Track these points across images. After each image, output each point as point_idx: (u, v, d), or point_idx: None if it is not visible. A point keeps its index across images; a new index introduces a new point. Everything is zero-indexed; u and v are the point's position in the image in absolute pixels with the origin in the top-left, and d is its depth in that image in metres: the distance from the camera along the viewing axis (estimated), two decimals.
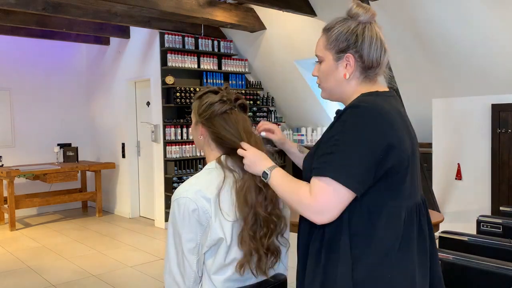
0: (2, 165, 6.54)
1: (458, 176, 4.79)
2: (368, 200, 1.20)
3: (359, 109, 1.20)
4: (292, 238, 1.54)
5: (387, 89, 1.33)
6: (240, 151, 1.37)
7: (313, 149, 1.33)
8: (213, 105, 1.42)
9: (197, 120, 1.46)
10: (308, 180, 1.24)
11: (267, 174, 1.29)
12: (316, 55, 1.34)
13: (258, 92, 6.56)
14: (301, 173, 1.37)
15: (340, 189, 1.15)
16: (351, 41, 1.27)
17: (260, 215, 1.35)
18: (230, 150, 1.42)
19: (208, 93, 1.46)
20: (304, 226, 1.32)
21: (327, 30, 1.32)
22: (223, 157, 1.42)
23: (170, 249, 1.37)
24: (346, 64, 1.28)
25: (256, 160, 1.34)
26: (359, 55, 1.27)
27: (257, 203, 1.35)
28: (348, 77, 1.28)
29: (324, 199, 1.16)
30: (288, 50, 5.88)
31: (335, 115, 1.31)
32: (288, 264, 1.55)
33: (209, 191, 1.35)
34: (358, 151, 1.15)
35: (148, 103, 6.38)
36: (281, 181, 1.27)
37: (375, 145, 1.16)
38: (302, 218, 1.31)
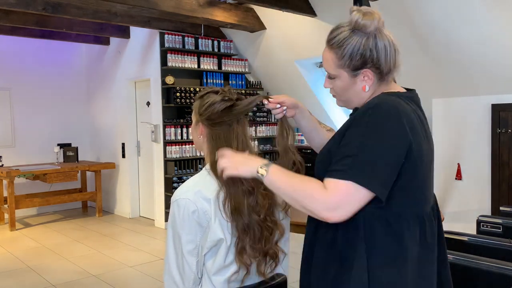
0: (2, 165, 6.54)
1: (458, 176, 4.79)
2: (386, 207, 1.15)
3: (382, 109, 1.15)
4: (297, 237, 1.54)
5: (404, 90, 1.31)
6: (218, 157, 1.30)
7: (326, 149, 1.27)
8: (214, 105, 1.42)
9: (197, 119, 1.47)
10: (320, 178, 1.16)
11: (265, 171, 1.18)
12: (328, 72, 1.29)
13: (258, 92, 6.56)
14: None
15: (361, 191, 1.09)
16: (366, 57, 1.21)
17: (253, 223, 1.34)
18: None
19: (210, 93, 1.46)
20: (310, 230, 1.27)
21: (336, 47, 1.23)
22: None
23: (170, 250, 1.37)
24: (364, 77, 1.24)
25: (242, 160, 1.25)
26: (376, 67, 1.23)
27: (248, 209, 1.34)
28: (368, 89, 1.25)
29: (341, 195, 1.09)
30: (288, 50, 5.88)
31: (351, 112, 1.30)
32: (288, 265, 1.54)
33: (210, 191, 1.35)
34: (383, 152, 1.11)
35: (148, 103, 6.38)
36: (283, 176, 1.17)
37: (399, 147, 1.12)
38: (309, 220, 1.26)
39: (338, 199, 1.09)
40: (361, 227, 1.16)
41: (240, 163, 1.24)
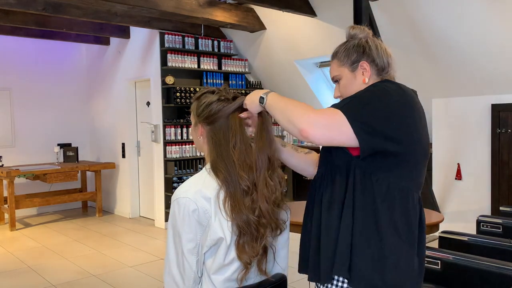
0: (2, 165, 6.54)
1: (458, 176, 4.79)
2: (373, 169, 1.26)
3: (394, 83, 1.35)
4: (297, 237, 1.54)
5: None
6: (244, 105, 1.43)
7: None
8: (211, 105, 1.42)
9: (196, 121, 1.47)
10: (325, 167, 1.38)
11: (263, 97, 1.34)
12: (333, 77, 1.46)
13: None
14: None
15: (346, 124, 1.20)
16: (360, 51, 1.41)
17: (250, 221, 1.35)
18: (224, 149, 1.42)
19: (206, 93, 1.47)
20: (316, 215, 1.36)
21: (335, 54, 1.46)
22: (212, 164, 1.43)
23: (170, 249, 1.37)
24: (363, 72, 1.40)
25: (253, 94, 1.39)
26: (371, 59, 1.40)
27: (245, 209, 1.35)
28: (368, 81, 1.39)
29: (327, 115, 1.22)
30: (288, 50, 5.88)
31: None
32: (288, 264, 1.54)
33: (210, 190, 1.35)
34: (375, 106, 1.24)
35: (148, 103, 6.39)
36: (279, 98, 1.32)
37: (393, 116, 1.24)
38: (315, 206, 1.37)
39: (322, 117, 1.22)
40: (350, 183, 1.28)
41: (252, 98, 1.39)
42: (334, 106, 1.28)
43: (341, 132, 1.21)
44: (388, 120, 1.23)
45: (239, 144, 1.39)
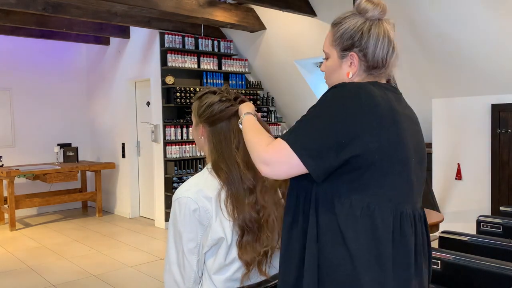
0: (2, 165, 6.54)
1: (458, 176, 4.79)
2: (331, 188, 1.15)
3: (343, 88, 1.16)
4: None
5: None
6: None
7: None
8: (212, 106, 1.43)
9: (197, 120, 1.47)
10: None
11: (242, 118, 1.35)
12: (323, 51, 1.30)
13: (258, 92, 6.56)
14: None
15: (293, 156, 1.13)
16: (355, 39, 1.21)
17: (253, 221, 1.35)
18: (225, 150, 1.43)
19: (208, 93, 1.47)
20: (287, 215, 1.26)
21: (334, 25, 1.26)
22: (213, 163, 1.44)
23: (171, 249, 1.37)
24: (351, 63, 1.23)
25: (241, 108, 1.40)
26: (363, 54, 1.21)
27: (249, 207, 1.35)
28: (351, 76, 1.23)
29: (274, 152, 1.16)
30: (288, 50, 5.88)
31: None
32: None
33: (211, 190, 1.36)
34: (322, 127, 1.12)
35: (148, 103, 6.38)
36: (249, 125, 1.31)
37: (341, 127, 1.10)
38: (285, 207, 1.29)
39: (271, 155, 1.16)
40: (313, 206, 1.18)
41: (240, 112, 1.40)
42: (283, 134, 1.19)
43: (290, 165, 1.14)
44: (335, 136, 1.10)
45: (243, 144, 1.40)
